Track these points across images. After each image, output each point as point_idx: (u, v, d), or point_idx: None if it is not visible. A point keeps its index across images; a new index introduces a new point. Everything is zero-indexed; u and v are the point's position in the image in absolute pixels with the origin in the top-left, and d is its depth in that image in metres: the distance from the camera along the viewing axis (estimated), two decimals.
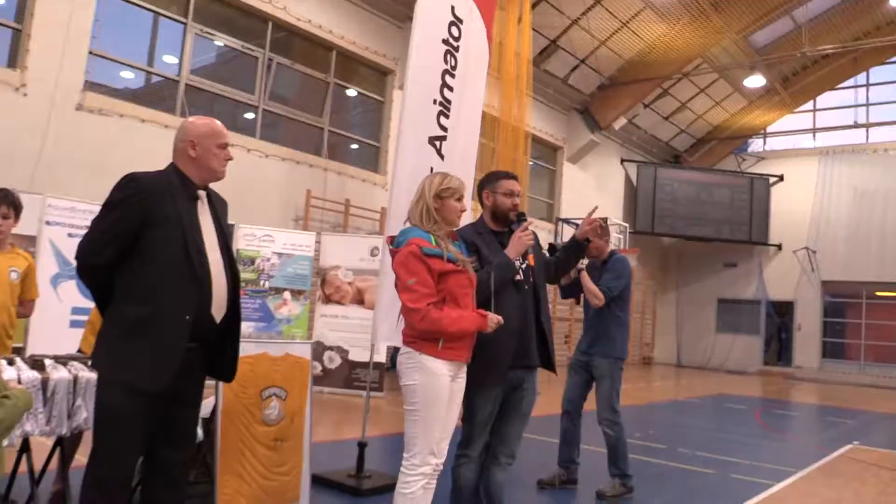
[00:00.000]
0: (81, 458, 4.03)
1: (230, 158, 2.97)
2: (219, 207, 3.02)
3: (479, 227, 3.67)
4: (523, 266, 3.55)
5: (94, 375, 3.21)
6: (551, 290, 17.93)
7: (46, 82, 9.03)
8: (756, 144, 24.15)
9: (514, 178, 3.74)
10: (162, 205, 2.74)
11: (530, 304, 3.56)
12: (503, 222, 3.66)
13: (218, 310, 2.85)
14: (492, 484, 3.54)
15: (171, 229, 2.73)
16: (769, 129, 23.54)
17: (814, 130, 22.93)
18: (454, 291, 3.05)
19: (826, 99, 22.42)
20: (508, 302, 3.40)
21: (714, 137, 23.61)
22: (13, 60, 9.21)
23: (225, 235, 2.97)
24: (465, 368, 3.22)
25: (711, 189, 22.00)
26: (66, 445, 3.44)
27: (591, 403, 5.30)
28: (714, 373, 20.66)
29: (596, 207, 4.14)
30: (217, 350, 2.94)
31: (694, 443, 7.63)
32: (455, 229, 3.28)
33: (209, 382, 3.71)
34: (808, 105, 22.66)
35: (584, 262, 5.20)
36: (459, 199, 3.18)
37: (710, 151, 24.03)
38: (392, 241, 3.18)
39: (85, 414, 3.16)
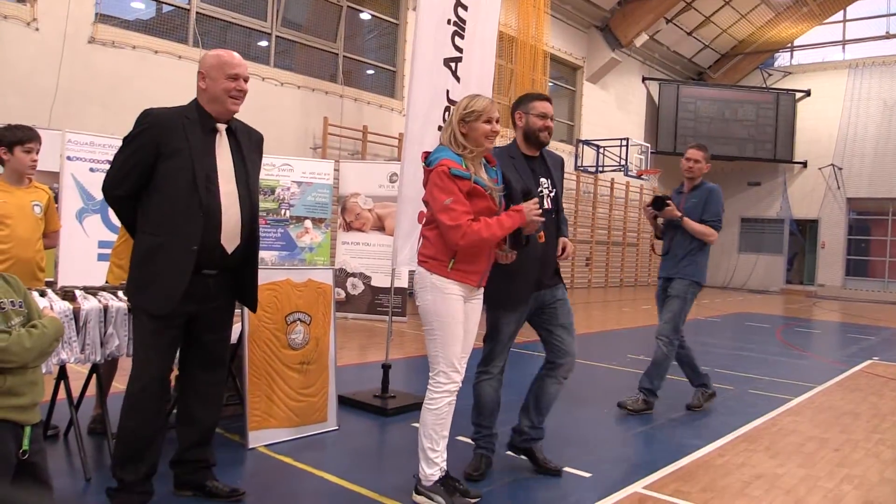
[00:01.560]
0: (118, 385, 4.19)
1: (241, 90, 2.94)
2: (245, 141, 3.05)
3: (511, 151, 3.62)
4: (548, 192, 3.61)
5: (123, 304, 3.30)
6: (567, 215, 17.82)
7: (57, 16, 8.94)
8: (783, 59, 23.46)
9: (548, 99, 3.69)
10: (173, 138, 2.81)
11: (552, 228, 3.60)
12: (535, 145, 3.63)
13: (229, 240, 2.90)
14: (544, 394, 3.74)
15: (183, 161, 2.80)
16: (796, 43, 22.79)
17: (843, 42, 22.16)
18: (478, 216, 3.08)
19: (857, 9, 21.56)
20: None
21: (739, 52, 22.93)
22: None
23: (246, 168, 3.00)
24: (479, 292, 3.28)
25: (735, 106, 21.52)
26: (101, 373, 3.56)
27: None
28: (736, 292, 20.69)
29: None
30: (241, 278, 3.04)
31: (714, 360, 7.71)
32: (489, 150, 3.23)
33: (237, 309, 3.81)
34: (838, 16, 21.81)
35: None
36: (489, 121, 3.10)
37: (734, 67, 23.38)
38: (426, 158, 3.19)
39: (117, 341, 3.26)
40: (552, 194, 3.63)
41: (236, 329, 3.88)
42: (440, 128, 4.95)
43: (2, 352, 2.02)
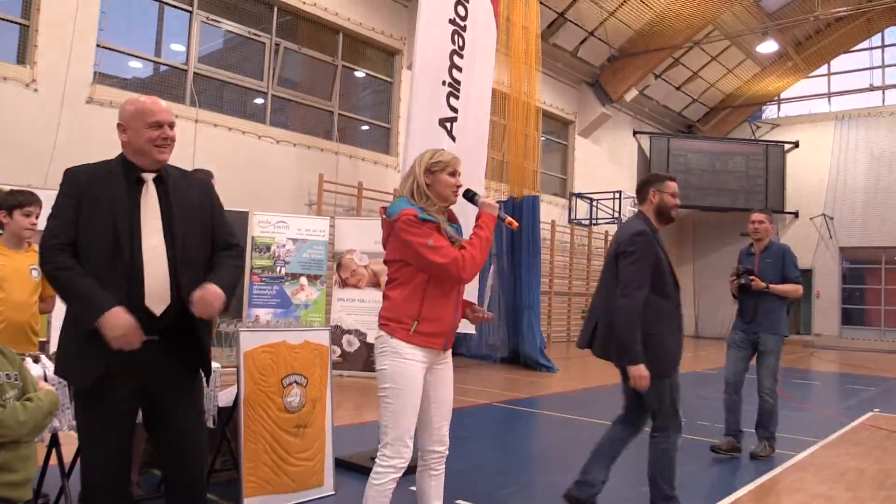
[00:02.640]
0: None
1: (167, 137, 2.72)
2: (183, 188, 2.80)
3: (648, 224, 3.85)
4: None
5: None
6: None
7: (56, 77, 9.07)
8: (770, 111, 23.88)
9: (675, 179, 4.05)
10: (93, 191, 2.61)
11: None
12: (666, 221, 3.92)
13: (155, 301, 2.60)
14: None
15: (102, 216, 2.58)
16: (783, 95, 23.24)
17: (829, 95, 22.61)
18: None
19: (841, 62, 22.09)
20: None
21: (727, 106, 23.36)
22: (22, 57, 9.25)
23: (179, 219, 2.71)
24: (447, 357, 3.13)
25: (726, 158, 21.81)
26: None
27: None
28: None
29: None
30: (188, 343, 2.72)
31: (714, 415, 7.61)
32: (452, 204, 3.11)
33: (231, 371, 3.77)
34: (823, 69, 22.33)
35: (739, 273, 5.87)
36: (453, 174, 3.04)
37: (723, 120, 23.79)
38: (385, 210, 3.08)
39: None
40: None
41: (231, 392, 3.84)
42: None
43: None
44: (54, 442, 3.31)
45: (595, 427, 6.85)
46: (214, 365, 3.65)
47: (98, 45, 9.73)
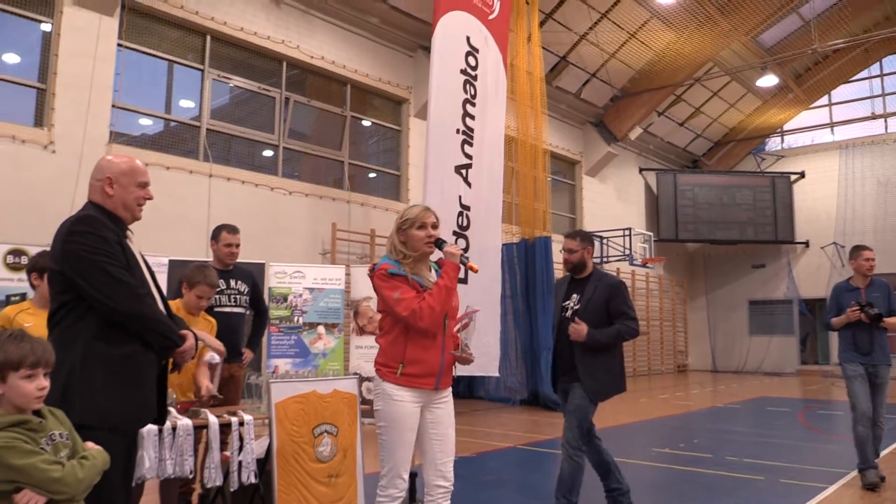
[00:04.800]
0: None
1: (149, 198, 2.89)
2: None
3: (566, 277, 4.69)
4: (573, 305, 4.49)
5: (154, 427, 3.29)
6: None
7: (73, 138, 9.26)
8: (774, 143, 24.03)
9: (570, 237, 4.65)
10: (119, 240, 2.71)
11: (564, 335, 4.47)
12: (571, 271, 4.60)
13: None
14: (560, 471, 4.42)
15: (128, 263, 2.70)
16: (786, 127, 23.42)
17: (831, 125, 22.76)
18: None
19: (841, 92, 22.28)
20: (555, 331, 4.65)
21: (731, 139, 23.54)
22: (40, 119, 9.47)
23: (153, 274, 2.88)
24: (445, 395, 3.30)
25: (733, 191, 21.90)
26: (131, 495, 3.51)
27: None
28: (751, 376, 20.43)
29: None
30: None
31: (740, 449, 7.56)
32: (429, 254, 3.32)
33: (264, 422, 3.80)
34: (824, 100, 22.53)
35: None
36: (422, 227, 3.23)
37: (728, 154, 23.95)
38: (372, 268, 3.33)
39: (147, 464, 3.24)
40: (577, 307, 4.44)
41: (263, 443, 3.86)
42: (454, 233, 5.09)
43: (56, 482, 2.01)
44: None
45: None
46: (247, 417, 3.69)
47: (113, 106, 9.96)
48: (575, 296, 4.52)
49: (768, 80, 19.74)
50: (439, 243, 3.28)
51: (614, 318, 4.42)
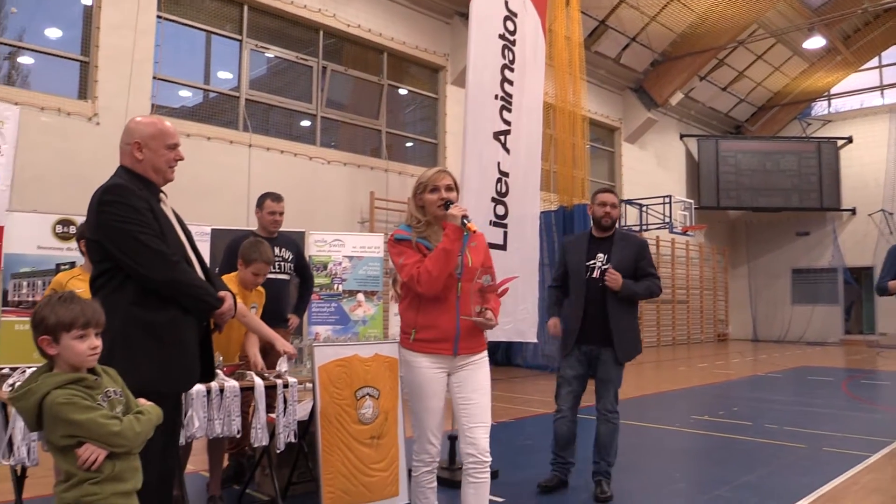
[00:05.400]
0: (191, 466, 4.27)
1: (180, 159, 2.86)
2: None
3: (579, 235, 4.74)
4: (600, 264, 4.38)
5: (202, 387, 3.39)
6: None
7: (116, 110, 9.42)
8: (820, 107, 23.35)
9: (609, 191, 4.68)
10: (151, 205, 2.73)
11: (596, 294, 4.39)
12: (600, 228, 4.57)
13: None
14: (596, 434, 4.50)
15: (162, 227, 2.72)
16: (833, 91, 22.71)
17: (881, 87, 22.02)
18: None
19: (892, 54, 21.47)
20: (577, 292, 4.45)
21: (775, 104, 22.94)
22: (84, 92, 9.65)
23: (189, 235, 2.88)
24: (474, 358, 3.19)
25: (777, 157, 21.40)
26: (180, 454, 3.64)
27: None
28: (793, 346, 20.15)
29: None
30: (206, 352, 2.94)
31: (780, 418, 7.50)
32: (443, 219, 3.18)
33: (307, 386, 3.89)
34: (874, 62, 21.75)
35: None
36: (434, 190, 3.16)
37: (772, 119, 23.36)
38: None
39: (196, 423, 3.35)
40: (605, 266, 4.37)
41: (307, 405, 3.96)
42: (492, 199, 5.09)
43: (116, 436, 2.09)
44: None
45: (655, 431, 6.82)
46: (291, 380, 3.78)
47: (154, 78, 10.09)
48: (601, 255, 4.42)
49: (815, 42, 19.12)
50: (447, 205, 3.16)
51: (640, 278, 4.45)
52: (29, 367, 3.31)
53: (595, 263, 4.42)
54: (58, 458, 2.14)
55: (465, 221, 3.08)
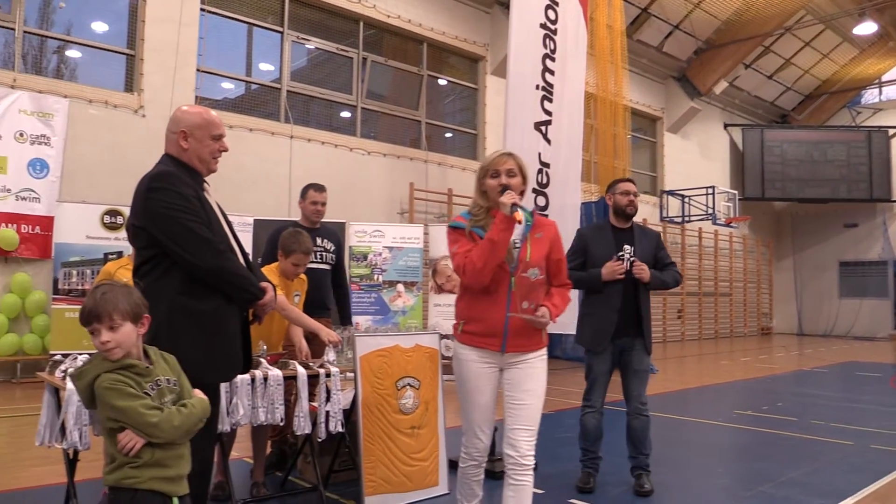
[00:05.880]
0: (236, 452, 4.35)
1: (225, 150, 2.84)
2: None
3: (601, 225, 4.51)
4: (629, 256, 4.29)
5: (247, 376, 3.44)
6: None
7: (161, 103, 9.60)
8: (871, 95, 22.70)
9: (630, 181, 4.54)
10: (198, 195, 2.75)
11: (629, 287, 4.29)
12: (623, 218, 4.45)
13: None
14: (629, 429, 4.40)
15: (208, 216, 2.74)
16: (884, 78, 22.04)
17: None
18: None
19: None
20: (610, 286, 4.29)
21: (823, 92, 22.36)
22: (130, 84, 9.85)
23: (231, 225, 2.89)
24: (520, 358, 3.02)
25: (824, 147, 20.87)
26: (225, 440, 3.71)
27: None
28: (840, 340, 19.69)
29: None
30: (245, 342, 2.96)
31: (827, 413, 7.35)
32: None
33: (349, 375, 3.93)
34: None
35: None
36: (495, 175, 3.01)
37: (820, 107, 22.78)
38: None
39: (241, 411, 3.40)
40: (632, 258, 4.28)
41: (349, 394, 3.99)
42: (533, 190, 5.06)
43: (152, 427, 2.12)
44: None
45: (696, 426, 6.74)
46: (333, 369, 3.82)
47: (197, 70, 10.25)
48: (627, 246, 4.34)
49: (866, 28, 18.56)
50: (503, 190, 2.97)
51: (662, 268, 4.44)
52: (80, 354, 3.42)
53: (624, 255, 4.33)
54: (105, 438, 2.20)
55: (514, 210, 2.89)
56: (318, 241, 4.86)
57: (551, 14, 5.28)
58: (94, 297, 2.19)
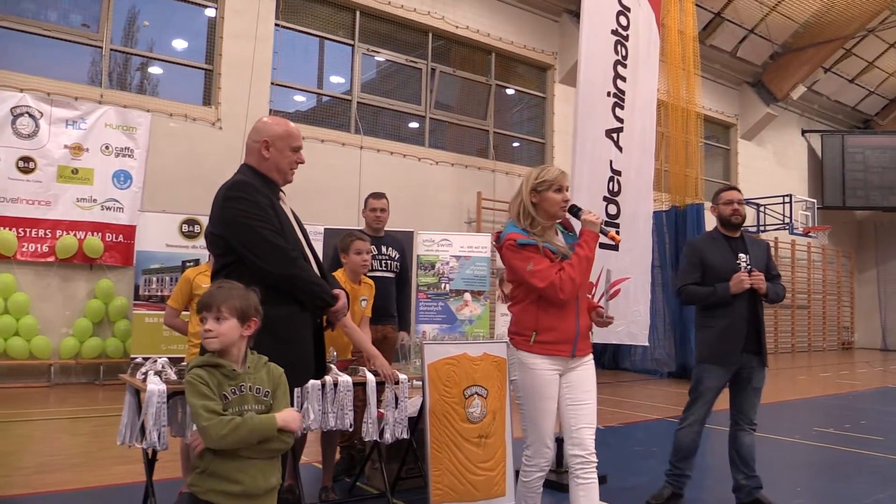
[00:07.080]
0: (305, 457, 4.41)
1: (302, 162, 2.93)
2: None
3: (713, 234, 4.30)
4: (745, 265, 4.10)
5: (317, 382, 3.49)
6: None
7: (237, 116, 9.88)
8: None
9: (734, 189, 4.39)
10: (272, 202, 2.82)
11: (751, 298, 4.09)
12: (730, 227, 4.25)
13: None
14: (740, 446, 4.17)
15: (282, 224, 2.82)
16: None
17: None
18: None
19: None
20: (737, 301, 4.05)
21: None
22: (208, 98, 10.18)
23: (306, 234, 2.97)
24: (585, 359, 3.16)
25: None
26: (295, 445, 3.77)
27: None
28: None
29: None
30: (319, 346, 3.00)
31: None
32: (560, 219, 3.18)
33: (416, 383, 3.94)
34: None
35: None
36: (559, 190, 3.07)
37: None
38: (497, 237, 3.20)
39: (312, 416, 3.45)
40: (749, 267, 4.10)
41: (417, 402, 4.01)
42: (604, 198, 4.99)
43: (202, 430, 2.08)
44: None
45: (775, 442, 6.50)
46: (401, 376, 3.84)
47: (272, 83, 10.52)
48: (742, 255, 4.17)
49: None
50: (574, 210, 3.13)
51: (769, 280, 4.21)
52: (160, 357, 3.53)
53: (741, 264, 4.14)
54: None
55: (606, 230, 3.15)
56: (383, 248, 4.91)
57: (623, 20, 5.22)
58: (212, 288, 2.27)
